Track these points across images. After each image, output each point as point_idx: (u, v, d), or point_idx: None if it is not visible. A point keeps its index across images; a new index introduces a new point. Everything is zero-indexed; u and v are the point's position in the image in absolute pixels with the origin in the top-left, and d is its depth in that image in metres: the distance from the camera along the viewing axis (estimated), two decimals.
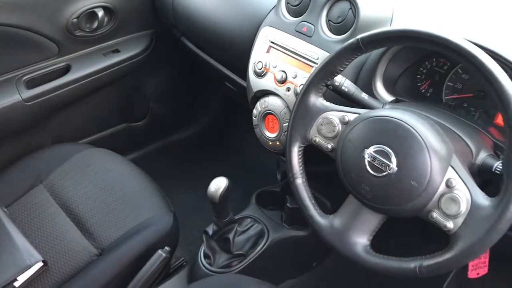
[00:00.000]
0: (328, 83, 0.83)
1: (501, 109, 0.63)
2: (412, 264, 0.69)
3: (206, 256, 1.13)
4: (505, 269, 0.95)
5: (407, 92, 0.93)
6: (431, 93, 0.94)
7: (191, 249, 1.42)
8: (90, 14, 1.34)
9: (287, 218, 1.23)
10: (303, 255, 1.28)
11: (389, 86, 0.91)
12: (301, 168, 0.83)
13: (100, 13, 1.34)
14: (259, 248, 1.14)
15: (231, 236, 1.09)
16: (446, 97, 0.92)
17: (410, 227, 0.94)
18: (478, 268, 0.82)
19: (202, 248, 1.14)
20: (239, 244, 1.13)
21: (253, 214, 1.23)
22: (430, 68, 0.93)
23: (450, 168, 0.68)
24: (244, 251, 1.13)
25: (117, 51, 1.44)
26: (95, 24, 1.36)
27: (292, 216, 1.22)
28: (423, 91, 0.95)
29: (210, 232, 1.11)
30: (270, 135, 1.06)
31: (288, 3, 1.04)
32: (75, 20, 1.30)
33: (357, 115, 0.77)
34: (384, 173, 0.69)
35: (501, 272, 0.88)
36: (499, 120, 0.84)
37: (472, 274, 0.82)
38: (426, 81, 0.94)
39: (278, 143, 1.05)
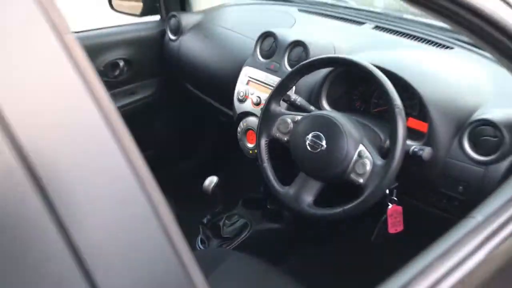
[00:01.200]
0: (286, 98, 1.19)
1: (388, 103, 0.99)
2: (338, 209, 1.02)
3: (202, 242, 1.44)
4: (420, 227, 1.27)
5: (346, 107, 1.29)
6: (363, 108, 1.30)
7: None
8: (113, 64, 1.74)
9: (267, 217, 1.55)
10: (280, 244, 1.59)
11: (332, 103, 1.27)
12: (266, 156, 1.17)
13: (121, 63, 1.74)
14: (243, 235, 1.46)
15: (221, 223, 1.41)
16: (373, 110, 1.28)
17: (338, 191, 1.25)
18: (395, 225, 1.14)
19: (199, 236, 1.46)
20: (227, 233, 1.45)
21: (240, 212, 1.55)
22: (361, 90, 1.30)
23: (361, 145, 1.03)
24: (231, 236, 1.44)
25: (133, 93, 1.83)
26: (117, 72, 1.75)
27: (271, 215, 1.54)
28: (358, 107, 1.31)
29: (205, 222, 1.43)
30: (250, 145, 1.42)
31: (261, 49, 1.43)
32: (102, 69, 1.70)
33: (303, 116, 1.13)
34: (318, 150, 1.04)
35: (416, 228, 1.19)
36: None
37: (391, 230, 1.13)
38: (359, 99, 1.31)
39: (256, 151, 1.40)
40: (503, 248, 0.76)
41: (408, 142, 1.05)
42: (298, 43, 1.34)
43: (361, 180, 1.01)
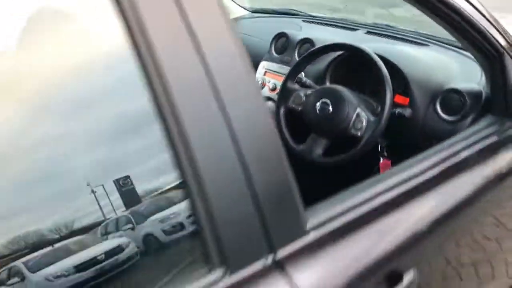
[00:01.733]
0: (298, 80, 1.52)
1: (378, 75, 1.32)
2: (342, 155, 1.33)
3: None
4: None
5: None
6: (360, 89, 1.63)
7: None
8: None
9: None
10: None
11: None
12: (284, 122, 1.49)
13: None
14: None
15: None
16: (367, 91, 1.60)
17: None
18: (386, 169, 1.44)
19: None
20: None
21: None
22: (358, 75, 1.63)
23: (358, 108, 1.35)
24: None
25: None
26: None
27: None
28: (355, 88, 1.64)
29: None
30: None
31: (276, 47, 1.77)
32: None
33: (313, 90, 1.45)
34: (326, 113, 1.36)
35: None
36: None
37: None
38: (357, 83, 1.63)
39: None
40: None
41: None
42: (306, 40, 1.68)
43: (359, 133, 1.32)
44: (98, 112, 0.67)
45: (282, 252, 0.73)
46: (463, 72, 1.45)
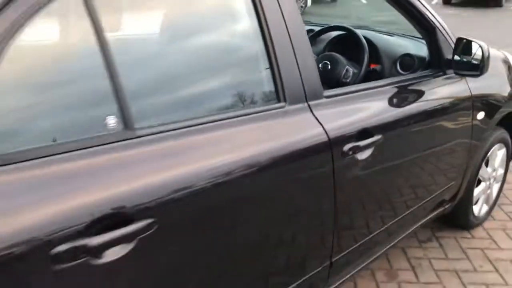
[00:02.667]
0: None
1: (359, 46, 2.07)
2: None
3: None
4: None
5: None
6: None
7: None
8: None
9: None
10: None
11: None
12: None
13: None
14: None
15: None
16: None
17: None
18: None
19: None
20: None
21: None
22: (347, 53, 2.39)
23: (347, 66, 2.10)
24: None
25: None
26: None
27: None
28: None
29: None
30: None
31: None
32: None
33: (318, 57, 2.20)
34: (326, 69, 2.10)
35: None
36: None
37: None
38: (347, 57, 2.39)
39: None
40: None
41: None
42: (309, 31, 2.44)
43: (347, 80, 2.06)
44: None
45: (311, 103, 1.45)
46: (415, 48, 2.22)
